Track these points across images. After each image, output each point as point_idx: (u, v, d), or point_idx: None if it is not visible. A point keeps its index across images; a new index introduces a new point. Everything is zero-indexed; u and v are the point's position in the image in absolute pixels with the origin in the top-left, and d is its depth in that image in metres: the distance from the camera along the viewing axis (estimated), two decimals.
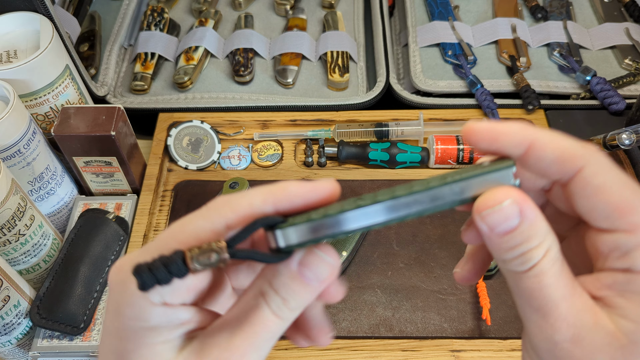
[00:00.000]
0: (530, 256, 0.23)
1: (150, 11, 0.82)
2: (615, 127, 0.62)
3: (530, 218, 0.23)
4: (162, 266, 0.23)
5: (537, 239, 0.23)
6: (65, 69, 0.59)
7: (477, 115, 0.70)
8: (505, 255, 0.24)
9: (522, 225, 0.23)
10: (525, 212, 0.23)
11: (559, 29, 0.78)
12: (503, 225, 0.23)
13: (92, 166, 0.62)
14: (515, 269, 0.24)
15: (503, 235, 0.24)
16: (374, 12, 0.82)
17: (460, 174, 0.24)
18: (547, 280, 0.23)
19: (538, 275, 0.24)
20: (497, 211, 0.23)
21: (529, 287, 0.24)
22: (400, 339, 0.54)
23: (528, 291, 0.24)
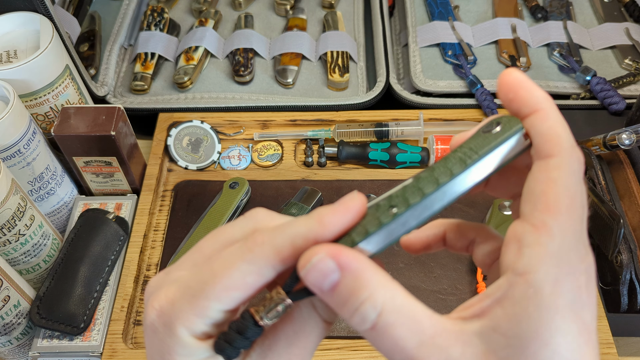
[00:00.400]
0: (364, 311, 0.23)
1: (150, 11, 0.82)
2: (615, 127, 0.62)
3: (352, 269, 0.23)
4: (238, 335, 0.24)
5: (365, 291, 0.23)
6: (65, 69, 0.59)
7: (477, 115, 0.70)
8: (343, 312, 0.23)
9: (345, 279, 0.23)
10: (344, 264, 0.23)
11: (559, 29, 0.78)
12: (325, 281, 0.23)
13: (92, 166, 0.62)
14: (360, 328, 0.23)
15: (331, 292, 0.23)
16: (374, 12, 0.82)
17: (475, 151, 0.24)
18: (398, 331, 0.23)
19: (386, 330, 0.23)
20: (311, 269, 0.23)
21: (383, 343, 0.23)
22: None
23: (385, 347, 0.23)
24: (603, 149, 0.61)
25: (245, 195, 0.63)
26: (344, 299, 0.23)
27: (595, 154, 0.63)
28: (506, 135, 0.24)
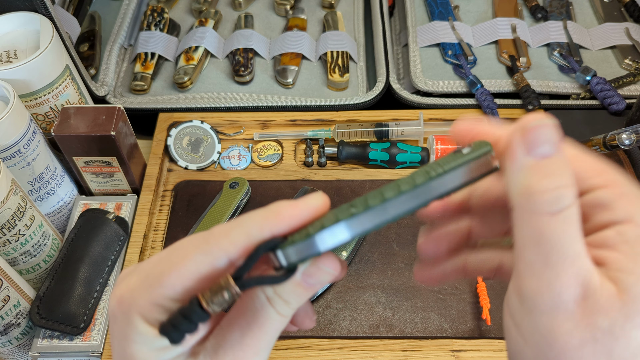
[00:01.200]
0: (561, 194, 0.22)
1: (150, 11, 0.82)
2: (615, 127, 0.62)
3: (563, 155, 0.23)
4: (183, 319, 0.24)
5: (569, 178, 0.23)
6: (65, 69, 0.59)
7: (477, 116, 0.70)
8: (538, 185, 0.23)
9: (558, 157, 0.23)
10: (562, 147, 0.23)
11: (559, 29, 0.78)
12: (542, 147, 0.23)
13: (92, 166, 0.62)
14: (545, 208, 0.22)
15: (538, 159, 0.23)
16: (374, 12, 0.82)
17: (442, 166, 0.25)
18: (572, 230, 0.22)
19: (566, 222, 0.22)
20: (538, 127, 0.23)
21: (551, 233, 0.22)
22: (400, 339, 0.54)
23: (548, 238, 0.22)
24: (603, 149, 0.61)
25: (245, 195, 0.63)
26: (549, 173, 0.23)
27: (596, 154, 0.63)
28: (473, 155, 0.25)
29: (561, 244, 0.22)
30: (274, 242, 0.25)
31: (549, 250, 0.22)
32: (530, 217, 0.23)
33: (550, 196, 0.22)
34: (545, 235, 0.22)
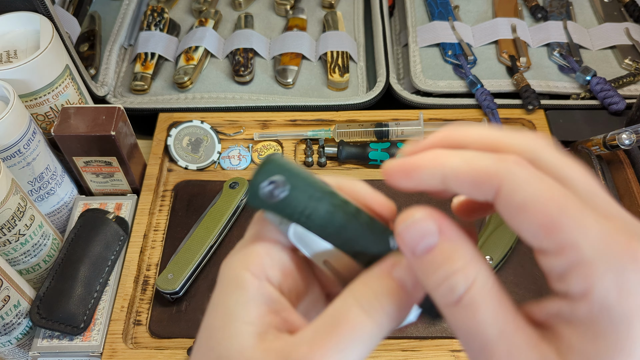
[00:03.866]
0: (455, 282, 0.21)
1: (150, 11, 0.82)
2: (615, 127, 0.62)
3: (450, 236, 0.22)
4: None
5: (459, 261, 0.22)
6: (65, 69, 0.59)
7: (477, 115, 0.70)
8: (431, 281, 0.22)
9: (442, 244, 0.22)
10: (444, 229, 0.22)
11: (559, 29, 0.78)
12: (421, 243, 0.22)
13: (92, 166, 0.62)
14: (444, 300, 0.22)
15: (424, 255, 0.22)
16: (374, 12, 0.82)
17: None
18: (481, 315, 0.21)
19: (470, 308, 0.21)
20: (411, 225, 0.23)
21: (463, 322, 0.21)
22: (400, 339, 0.54)
23: (463, 328, 0.21)
24: (603, 149, 0.61)
25: (245, 196, 0.63)
26: (435, 265, 0.22)
27: (595, 154, 0.63)
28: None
29: (475, 331, 0.21)
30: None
31: (470, 339, 0.21)
32: (444, 312, 0.22)
33: (443, 289, 0.22)
34: (460, 326, 0.22)
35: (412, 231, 0.23)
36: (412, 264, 0.23)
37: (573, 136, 0.67)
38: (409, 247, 0.23)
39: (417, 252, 0.22)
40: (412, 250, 0.23)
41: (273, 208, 0.25)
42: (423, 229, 0.22)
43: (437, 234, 0.22)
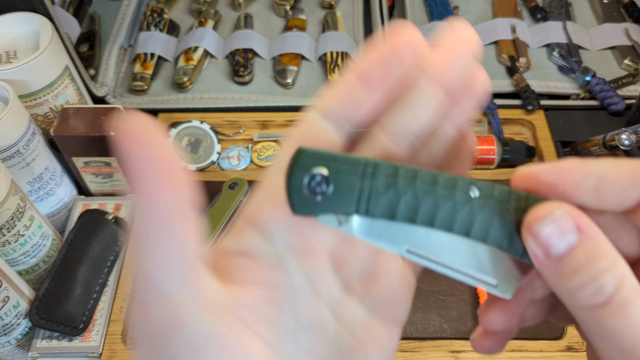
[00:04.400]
0: (603, 282, 0.20)
1: (150, 11, 0.82)
2: (615, 127, 0.62)
3: (591, 234, 0.21)
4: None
5: (606, 260, 0.20)
6: (65, 69, 0.59)
7: (476, 115, 0.70)
8: (572, 284, 0.20)
9: (584, 243, 0.20)
10: (583, 227, 0.21)
11: (559, 30, 0.78)
12: (560, 242, 0.20)
13: (91, 167, 0.62)
14: (589, 302, 0.20)
15: (563, 257, 0.20)
16: (374, 12, 0.82)
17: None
18: (635, 312, 0.20)
19: (621, 308, 0.20)
20: (550, 223, 0.21)
21: (612, 324, 0.20)
22: (400, 340, 0.54)
23: (613, 329, 0.20)
24: (603, 149, 0.61)
25: (244, 196, 0.63)
26: (578, 266, 0.20)
27: (595, 154, 0.63)
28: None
29: (628, 333, 0.20)
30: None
31: (621, 342, 0.20)
32: (586, 316, 0.21)
33: (588, 291, 0.20)
34: (609, 329, 0.20)
35: (550, 228, 0.21)
36: (544, 266, 0.21)
37: (573, 136, 0.67)
38: (546, 248, 0.21)
39: (554, 253, 0.21)
40: (549, 250, 0.21)
41: (326, 207, 0.22)
42: (562, 226, 0.21)
43: (576, 232, 0.21)
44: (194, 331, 0.20)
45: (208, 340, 0.21)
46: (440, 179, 0.22)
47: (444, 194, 0.22)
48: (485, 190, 0.22)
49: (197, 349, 0.20)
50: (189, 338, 0.20)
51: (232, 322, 0.21)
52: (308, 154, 0.22)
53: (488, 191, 0.22)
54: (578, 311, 0.21)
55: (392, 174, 0.22)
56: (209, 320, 0.21)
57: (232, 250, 0.24)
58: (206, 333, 0.21)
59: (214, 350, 0.21)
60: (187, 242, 0.21)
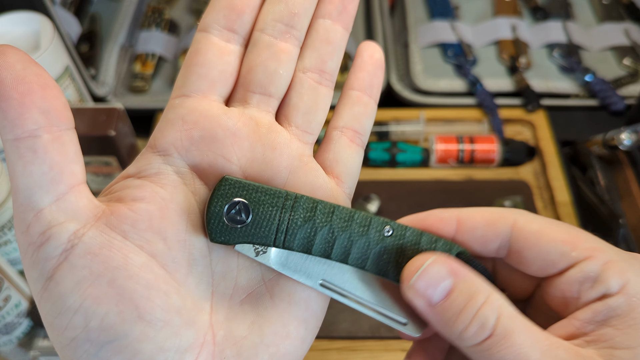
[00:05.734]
0: (484, 316, 0.21)
1: (150, 11, 0.82)
2: (615, 127, 0.62)
3: (464, 275, 0.22)
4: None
5: (482, 295, 0.21)
6: (66, 69, 0.59)
7: (477, 115, 0.70)
8: (457, 326, 0.21)
9: (458, 284, 0.22)
10: (455, 270, 0.22)
11: (559, 29, 0.78)
12: (438, 289, 0.22)
13: (91, 166, 0.62)
14: (476, 339, 0.21)
15: (443, 301, 0.22)
16: (374, 12, 0.82)
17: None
18: (518, 339, 0.21)
19: (506, 337, 0.21)
20: (423, 274, 0.22)
21: (500, 354, 0.21)
22: (401, 340, 0.54)
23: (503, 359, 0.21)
24: (603, 149, 0.61)
25: None
26: (458, 307, 0.21)
27: (595, 154, 0.63)
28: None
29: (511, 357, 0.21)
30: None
31: None
32: (475, 353, 0.21)
33: (473, 328, 0.21)
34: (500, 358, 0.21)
35: (424, 280, 0.22)
36: (430, 316, 0.22)
37: (573, 136, 0.67)
38: (426, 298, 0.22)
39: (435, 300, 0.22)
40: (430, 300, 0.22)
41: (244, 236, 0.23)
42: (436, 274, 0.22)
43: (450, 275, 0.22)
44: (61, 241, 0.21)
45: (78, 251, 0.21)
46: (356, 216, 0.23)
47: (359, 231, 0.23)
48: (397, 231, 0.23)
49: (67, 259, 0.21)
50: (58, 248, 0.21)
51: (105, 234, 0.21)
52: (230, 182, 0.23)
53: (400, 232, 0.23)
54: (470, 352, 0.22)
55: (311, 208, 0.23)
56: (76, 230, 0.21)
57: (129, 173, 0.24)
58: (74, 243, 0.21)
59: (83, 259, 0.21)
60: (54, 158, 0.21)
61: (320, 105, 0.27)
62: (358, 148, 0.28)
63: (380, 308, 0.24)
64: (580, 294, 0.22)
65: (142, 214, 0.22)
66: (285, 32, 0.26)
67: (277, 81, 0.26)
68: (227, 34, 0.26)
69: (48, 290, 0.21)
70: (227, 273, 0.24)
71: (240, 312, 0.24)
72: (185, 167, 0.24)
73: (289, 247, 0.23)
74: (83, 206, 0.21)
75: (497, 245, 0.24)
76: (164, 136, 0.24)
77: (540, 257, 0.23)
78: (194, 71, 0.25)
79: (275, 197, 0.23)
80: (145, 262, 0.21)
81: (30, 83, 0.21)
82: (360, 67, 0.28)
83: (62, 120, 0.21)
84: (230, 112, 0.25)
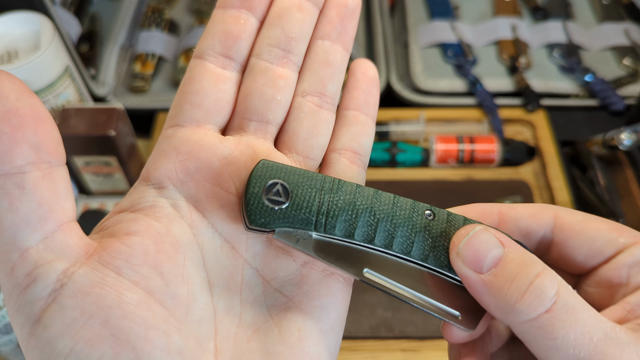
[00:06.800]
0: (541, 284, 0.19)
1: (150, 11, 0.82)
2: (615, 127, 0.62)
3: (514, 245, 0.21)
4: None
5: (537, 265, 0.20)
6: (66, 69, 0.59)
7: (477, 115, 0.70)
8: (510, 295, 0.20)
9: (510, 253, 0.21)
10: (504, 241, 0.21)
11: (559, 29, 0.78)
12: (487, 256, 0.21)
13: (91, 166, 0.62)
14: (533, 311, 0.19)
15: (494, 270, 0.20)
16: (374, 12, 0.82)
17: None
18: (582, 316, 0.19)
19: (569, 313, 0.19)
20: (472, 240, 0.21)
21: (560, 332, 0.19)
22: (401, 340, 0.54)
23: (563, 338, 0.19)
24: (603, 149, 0.61)
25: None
26: (511, 273, 0.20)
27: (595, 154, 0.63)
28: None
29: (579, 338, 0.19)
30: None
31: (573, 349, 0.19)
32: (530, 330, 0.20)
33: (529, 297, 0.20)
34: (555, 337, 0.19)
35: (474, 245, 0.21)
36: (478, 287, 0.21)
37: (573, 136, 0.67)
38: (474, 265, 0.21)
39: (485, 268, 0.21)
40: (479, 267, 0.21)
41: (283, 219, 0.22)
42: (484, 240, 0.21)
43: (500, 244, 0.21)
44: (49, 281, 0.19)
45: (68, 291, 0.19)
46: (396, 200, 0.23)
47: (401, 214, 0.22)
48: (439, 215, 0.23)
49: (56, 300, 0.19)
50: (46, 288, 0.19)
51: (98, 271, 0.20)
52: (268, 165, 0.22)
53: (442, 215, 0.23)
54: (525, 330, 0.20)
55: (351, 190, 0.22)
56: (65, 269, 0.20)
57: (123, 208, 0.23)
58: (63, 282, 0.19)
59: (73, 299, 0.19)
60: (43, 195, 0.20)
61: (321, 129, 0.26)
62: (359, 169, 0.27)
63: (431, 300, 0.23)
64: (630, 279, 0.21)
65: (137, 248, 0.21)
66: (282, 57, 0.25)
67: (274, 107, 0.25)
68: (223, 61, 0.25)
69: (35, 336, 0.19)
70: (231, 310, 0.22)
71: (248, 351, 0.22)
72: (181, 199, 0.23)
73: (330, 232, 0.22)
74: (73, 244, 0.20)
75: (540, 237, 0.23)
76: (157, 168, 0.24)
77: (586, 245, 0.22)
78: (187, 99, 0.24)
79: (313, 179, 0.22)
80: (141, 300, 0.20)
81: (23, 116, 0.19)
82: (354, 85, 0.28)
83: (53, 156, 0.20)
84: (226, 141, 0.24)
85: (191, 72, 0.25)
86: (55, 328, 0.19)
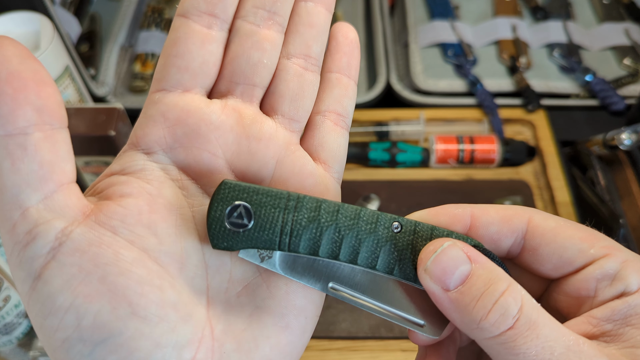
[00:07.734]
0: (506, 303, 0.20)
1: (150, 11, 0.82)
2: (615, 127, 0.62)
3: (483, 261, 0.21)
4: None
5: (503, 282, 0.20)
6: (66, 69, 0.59)
7: (477, 115, 0.70)
8: (475, 312, 0.20)
9: (477, 270, 0.21)
10: (473, 256, 0.21)
11: (559, 29, 0.78)
12: (455, 274, 0.21)
13: (91, 166, 0.62)
14: (497, 328, 0.20)
15: (461, 288, 0.21)
16: (374, 12, 0.82)
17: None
18: (543, 331, 0.20)
19: (531, 329, 0.20)
20: (440, 257, 0.21)
21: (523, 347, 0.19)
22: (401, 340, 0.54)
23: (525, 353, 0.19)
24: (603, 149, 0.61)
25: None
26: (477, 292, 0.20)
27: (595, 154, 0.63)
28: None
29: (541, 353, 0.20)
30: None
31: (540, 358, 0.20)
32: (495, 345, 0.20)
33: (493, 315, 0.20)
34: (520, 354, 0.20)
35: (442, 263, 0.21)
36: (445, 303, 0.21)
37: (573, 136, 0.67)
38: (442, 282, 0.21)
39: (452, 285, 0.21)
40: (446, 284, 0.21)
41: (247, 241, 0.22)
42: (453, 257, 0.21)
43: (468, 261, 0.21)
44: (48, 239, 0.20)
45: (66, 249, 0.20)
46: (362, 213, 0.22)
47: (366, 229, 0.22)
48: (407, 226, 0.23)
49: (55, 257, 0.20)
50: (45, 246, 0.20)
51: (95, 231, 0.21)
52: (230, 186, 0.22)
53: (409, 227, 0.23)
54: (490, 345, 0.20)
55: (315, 207, 0.22)
56: (64, 228, 0.20)
57: (113, 171, 0.24)
58: (61, 241, 0.20)
59: (71, 257, 0.20)
60: (44, 157, 0.20)
61: (306, 91, 0.26)
62: (342, 131, 0.28)
63: (396, 310, 0.23)
64: (598, 292, 0.22)
65: (131, 209, 0.22)
66: (268, 19, 0.25)
67: (261, 71, 0.25)
68: (209, 19, 0.24)
69: (36, 290, 0.20)
70: (222, 266, 0.23)
71: (238, 305, 0.23)
72: (170, 163, 0.24)
73: (294, 250, 0.22)
74: (72, 204, 0.21)
75: (511, 243, 0.23)
76: (146, 134, 0.24)
77: (557, 254, 0.22)
78: (173, 63, 0.24)
79: (277, 198, 0.22)
80: (137, 257, 0.21)
81: (25, 79, 0.20)
82: (336, 48, 0.28)
83: (55, 118, 0.20)
84: (213, 105, 0.24)
85: (176, 33, 0.24)
86: (55, 283, 0.20)
